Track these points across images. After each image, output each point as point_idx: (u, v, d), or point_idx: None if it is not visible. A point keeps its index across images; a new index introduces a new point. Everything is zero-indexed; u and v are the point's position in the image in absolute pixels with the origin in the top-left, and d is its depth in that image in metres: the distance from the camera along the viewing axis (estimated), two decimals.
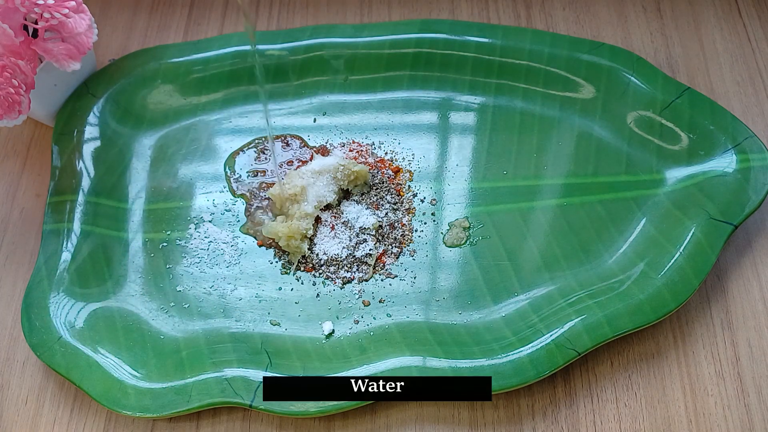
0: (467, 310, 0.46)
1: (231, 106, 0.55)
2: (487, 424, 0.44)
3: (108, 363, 0.44)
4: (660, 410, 0.44)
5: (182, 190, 0.52)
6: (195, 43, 0.56)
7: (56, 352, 0.44)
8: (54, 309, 0.46)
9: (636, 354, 0.46)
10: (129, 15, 0.61)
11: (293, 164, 0.52)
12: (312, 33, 0.55)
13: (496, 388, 0.42)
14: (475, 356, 0.43)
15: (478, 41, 0.54)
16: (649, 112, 0.52)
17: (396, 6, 0.60)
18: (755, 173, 0.48)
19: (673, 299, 0.44)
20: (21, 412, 0.45)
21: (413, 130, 0.53)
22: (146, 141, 0.53)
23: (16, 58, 0.45)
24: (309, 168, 0.50)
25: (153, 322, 0.46)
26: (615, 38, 0.58)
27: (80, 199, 0.50)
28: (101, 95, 0.54)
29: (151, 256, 0.49)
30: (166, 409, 0.42)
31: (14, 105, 0.47)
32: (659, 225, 0.48)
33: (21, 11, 0.46)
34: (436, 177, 0.51)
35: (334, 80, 0.55)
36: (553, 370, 0.43)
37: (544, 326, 0.44)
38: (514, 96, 0.54)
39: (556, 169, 0.51)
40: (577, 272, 0.47)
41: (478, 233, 0.49)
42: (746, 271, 0.48)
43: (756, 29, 0.58)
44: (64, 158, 0.51)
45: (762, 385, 0.45)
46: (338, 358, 0.45)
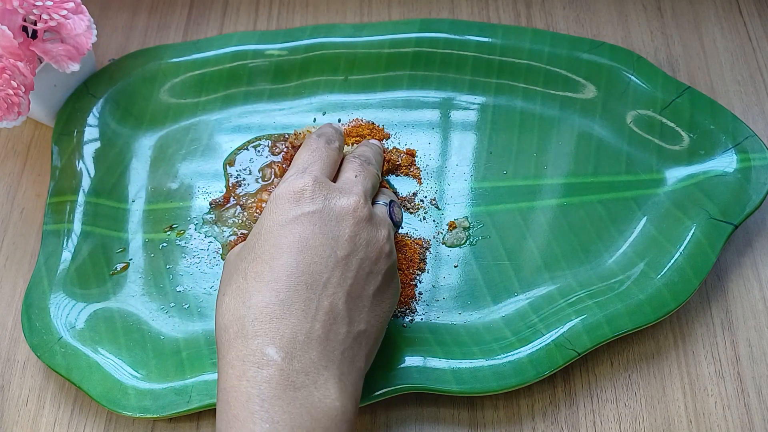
0: (467, 310, 0.47)
1: (231, 106, 0.55)
2: (486, 424, 0.44)
3: (108, 363, 0.44)
4: (660, 410, 0.44)
5: (182, 190, 0.52)
6: (195, 43, 0.56)
7: (56, 352, 0.44)
8: (54, 309, 0.46)
9: (636, 354, 0.46)
10: (129, 15, 0.61)
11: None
12: (312, 33, 0.55)
13: (496, 389, 0.42)
14: (475, 356, 0.43)
15: (478, 40, 0.54)
16: (650, 111, 0.51)
17: (396, 5, 0.60)
18: (756, 173, 0.48)
19: (673, 299, 0.44)
20: (22, 412, 0.45)
21: (413, 130, 0.53)
22: (146, 141, 0.53)
23: (15, 59, 0.45)
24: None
25: (153, 322, 0.46)
26: (615, 37, 0.58)
27: (80, 200, 0.50)
28: (101, 95, 0.54)
29: (151, 256, 0.49)
30: (166, 410, 0.42)
31: (14, 106, 0.47)
32: (659, 225, 0.48)
33: (20, 13, 0.46)
34: (436, 177, 0.51)
35: (334, 80, 0.55)
36: (553, 371, 0.43)
37: (543, 326, 0.44)
38: (514, 95, 0.54)
39: (556, 169, 0.51)
40: (577, 272, 0.47)
41: (478, 233, 0.49)
42: (746, 271, 0.48)
43: (757, 28, 0.58)
44: (64, 158, 0.51)
45: (762, 385, 0.45)
46: None
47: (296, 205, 0.37)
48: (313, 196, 0.37)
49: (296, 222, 0.36)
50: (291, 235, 0.36)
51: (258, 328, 0.34)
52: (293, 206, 0.37)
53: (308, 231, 0.36)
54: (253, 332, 0.34)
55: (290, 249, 0.35)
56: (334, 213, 0.37)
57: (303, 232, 0.36)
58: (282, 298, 0.34)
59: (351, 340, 0.35)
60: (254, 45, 0.55)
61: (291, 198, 0.37)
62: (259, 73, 0.55)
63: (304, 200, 0.37)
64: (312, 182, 0.38)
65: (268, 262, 0.35)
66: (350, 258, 0.36)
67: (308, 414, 0.32)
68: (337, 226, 0.36)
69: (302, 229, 0.36)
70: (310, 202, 0.37)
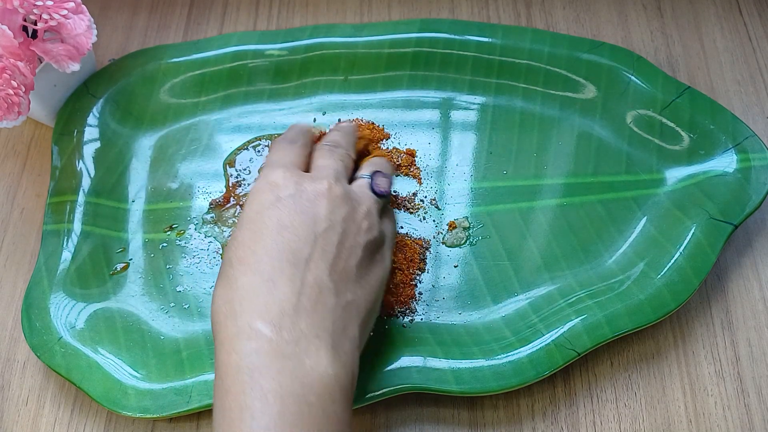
0: (467, 310, 0.47)
1: (231, 106, 0.55)
2: (486, 424, 0.44)
3: (108, 363, 0.44)
4: (660, 410, 0.44)
5: (182, 190, 0.52)
6: (195, 43, 0.56)
7: (56, 352, 0.44)
8: (54, 309, 0.46)
9: (636, 354, 0.46)
10: (129, 15, 0.61)
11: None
12: (312, 33, 0.55)
13: (496, 389, 0.42)
14: (475, 356, 0.43)
15: (478, 40, 0.54)
16: (650, 111, 0.51)
17: (396, 5, 0.60)
18: (756, 173, 0.48)
19: (673, 299, 0.44)
20: (22, 412, 0.45)
21: (413, 130, 0.53)
22: (146, 141, 0.53)
23: (15, 59, 0.45)
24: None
25: (153, 322, 0.46)
26: (615, 37, 0.58)
27: (80, 200, 0.50)
28: (101, 95, 0.54)
29: (151, 256, 0.49)
30: (166, 410, 0.42)
31: (14, 106, 0.47)
32: (659, 225, 0.48)
33: (20, 12, 0.46)
34: (436, 177, 0.51)
35: (334, 80, 0.55)
36: (553, 371, 0.43)
37: (543, 326, 0.44)
38: (514, 95, 0.54)
39: (556, 169, 0.51)
40: (577, 272, 0.47)
41: (478, 233, 0.49)
42: (746, 271, 0.48)
43: (757, 28, 0.58)
44: (64, 158, 0.51)
45: (762, 385, 0.45)
46: None
47: (271, 193, 0.38)
48: (285, 183, 0.38)
49: (273, 207, 0.37)
50: (269, 219, 0.37)
51: (245, 306, 0.34)
52: (269, 194, 0.38)
53: (285, 213, 0.37)
54: (240, 310, 0.34)
55: (270, 232, 0.36)
56: (307, 196, 0.38)
57: (280, 215, 0.37)
58: (266, 277, 0.35)
59: (340, 309, 0.36)
60: (254, 45, 0.55)
61: (266, 188, 0.38)
62: (259, 73, 0.55)
63: (278, 188, 0.38)
64: (283, 172, 0.39)
65: (250, 246, 0.36)
66: (328, 233, 0.37)
67: (299, 382, 0.33)
68: (313, 207, 0.38)
69: (279, 212, 0.37)
70: (284, 188, 0.38)
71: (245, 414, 0.32)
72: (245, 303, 0.35)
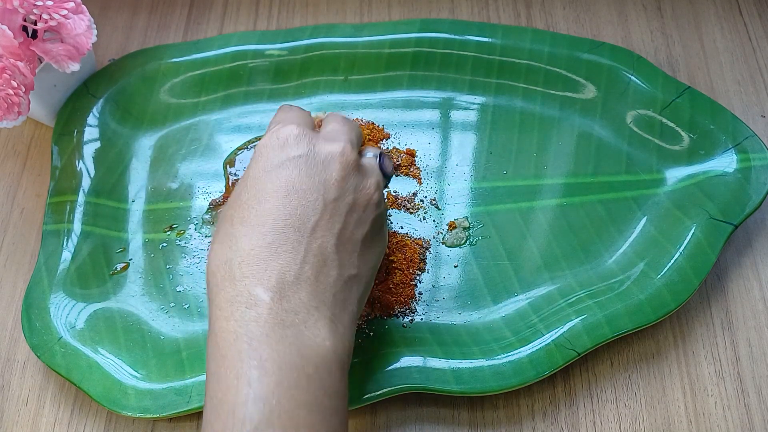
0: (467, 310, 0.46)
1: (231, 106, 0.55)
2: (486, 424, 0.44)
3: (108, 363, 0.44)
4: (660, 410, 0.44)
5: (182, 190, 0.52)
6: (195, 43, 0.56)
7: (56, 352, 0.44)
8: (54, 309, 0.46)
9: (636, 354, 0.46)
10: (129, 15, 0.61)
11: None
12: (312, 33, 0.55)
13: (496, 389, 0.42)
14: (475, 356, 0.43)
15: (478, 40, 0.54)
16: (650, 111, 0.51)
17: (396, 5, 0.60)
18: (756, 173, 0.48)
19: (673, 299, 0.44)
20: (22, 412, 0.45)
21: (413, 130, 0.53)
22: (146, 141, 0.53)
23: (15, 59, 0.45)
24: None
25: (153, 322, 0.46)
26: (615, 37, 0.58)
27: (80, 200, 0.50)
28: (101, 95, 0.54)
29: (151, 256, 0.49)
30: (166, 410, 0.42)
31: (14, 106, 0.47)
32: (659, 225, 0.48)
33: (20, 12, 0.46)
34: (436, 177, 0.51)
35: (334, 80, 0.55)
36: (553, 371, 0.43)
37: (543, 326, 0.44)
38: (514, 95, 0.54)
39: (556, 169, 0.51)
40: (577, 272, 0.47)
41: (478, 233, 0.49)
42: (746, 271, 0.48)
43: (756, 28, 0.58)
44: (64, 158, 0.51)
45: (762, 385, 0.45)
46: None
47: (281, 151, 0.36)
48: (298, 141, 0.37)
49: (282, 167, 0.36)
50: (277, 179, 0.35)
51: (245, 270, 0.33)
52: (278, 152, 0.36)
53: (294, 175, 0.35)
54: (240, 274, 0.33)
55: (276, 193, 0.35)
56: (320, 157, 0.36)
57: (289, 176, 0.35)
58: (269, 240, 0.34)
59: (342, 283, 0.35)
60: (254, 45, 0.55)
61: (276, 145, 0.37)
62: (259, 73, 0.55)
63: (289, 146, 0.36)
64: (296, 129, 0.37)
65: (255, 206, 0.35)
66: (338, 202, 0.36)
67: (297, 352, 0.32)
68: (324, 170, 0.36)
69: (288, 173, 0.35)
70: (296, 147, 0.36)
71: (242, 381, 0.31)
72: (245, 267, 0.33)
